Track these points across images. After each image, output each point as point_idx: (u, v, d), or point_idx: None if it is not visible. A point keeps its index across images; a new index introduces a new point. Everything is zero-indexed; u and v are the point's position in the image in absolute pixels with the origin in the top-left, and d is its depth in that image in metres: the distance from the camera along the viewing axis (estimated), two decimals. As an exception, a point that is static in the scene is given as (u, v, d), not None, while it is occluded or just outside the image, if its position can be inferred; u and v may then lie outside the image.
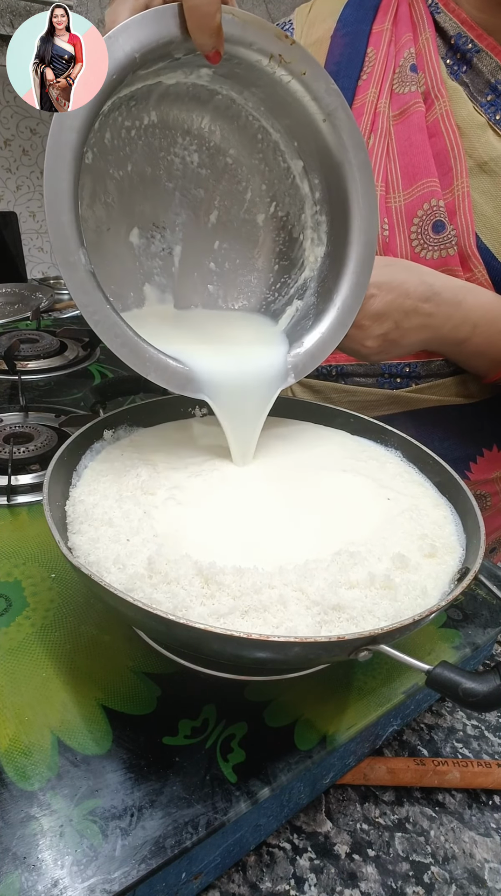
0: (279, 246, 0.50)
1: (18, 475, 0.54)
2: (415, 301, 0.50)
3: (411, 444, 0.48)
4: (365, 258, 0.44)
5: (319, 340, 0.45)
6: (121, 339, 0.38)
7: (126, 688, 0.36)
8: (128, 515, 0.38)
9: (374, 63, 0.58)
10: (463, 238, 0.53)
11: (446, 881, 0.34)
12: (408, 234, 0.56)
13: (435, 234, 0.54)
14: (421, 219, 0.55)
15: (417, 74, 0.56)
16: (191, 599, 0.31)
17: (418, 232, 0.55)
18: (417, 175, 0.55)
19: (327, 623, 0.31)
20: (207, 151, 0.46)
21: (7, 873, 0.27)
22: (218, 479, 0.44)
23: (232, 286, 0.51)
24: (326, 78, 0.40)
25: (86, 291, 0.35)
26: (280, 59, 0.38)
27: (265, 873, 0.34)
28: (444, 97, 0.53)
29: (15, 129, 1.30)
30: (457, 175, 0.53)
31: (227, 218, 0.49)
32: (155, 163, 0.45)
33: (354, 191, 0.43)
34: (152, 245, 0.47)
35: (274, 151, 0.46)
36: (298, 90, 0.40)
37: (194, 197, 0.48)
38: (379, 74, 0.57)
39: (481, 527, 0.37)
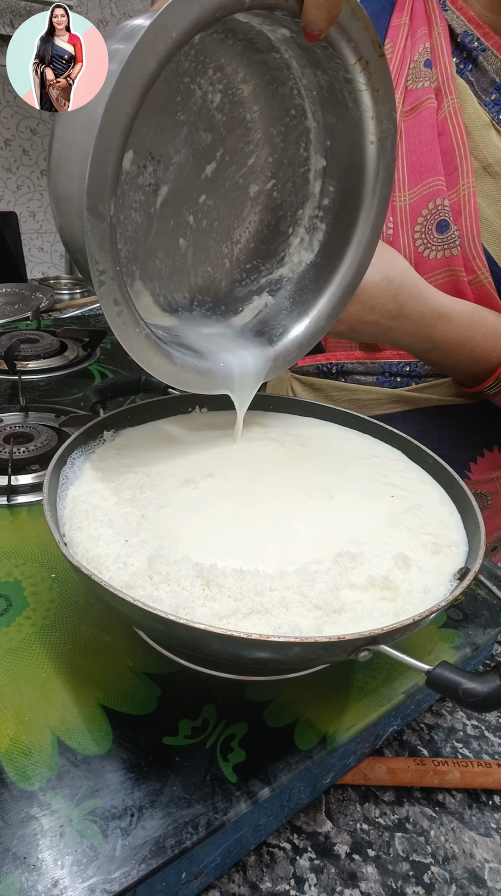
0: (262, 228, 0.48)
1: (18, 475, 0.54)
2: (378, 316, 0.49)
3: (411, 444, 0.48)
4: (350, 286, 0.44)
5: (290, 347, 0.44)
6: (119, 309, 0.35)
7: (126, 688, 0.36)
8: (127, 515, 0.38)
9: (391, 57, 0.57)
10: (467, 239, 0.53)
11: (446, 881, 0.34)
12: (412, 233, 0.55)
13: (439, 234, 0.54)
14: (426, 218, 0.54)
15: (431, 70, 0.54)
16: (191, 600, 0.31)
17: (422, 231, 0.55)
18: (424, 174, 0.54)
19: (328, 624, 0.31)
20: (231, 98, 0.43)
21: (7, 873, 0.27)
22: (218, 478, 0.44)
23: (203, 248, 0.48)
24: (392, 102, 0.39)
25: (103, 248, 0.32)
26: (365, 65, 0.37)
27: (265, 873, 0.34)
28: (454, 94, 0.52)
29: (15, 129, 1.30)
30: (463, 175, 0.52)
31: (222, 175, 0.46)
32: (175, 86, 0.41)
33: (365, 220, 0.42)
34: (141, 176, 0.43)
35: (299, 135, 0.44)
36: (364, 102, 0.39)
37: (200, 139, 0.44)
38: (396, 69, 0.56)
39: (481, 527, 0.37)
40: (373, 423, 0.51)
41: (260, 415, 0.53)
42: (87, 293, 1.35)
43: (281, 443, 0.49)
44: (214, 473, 0.44)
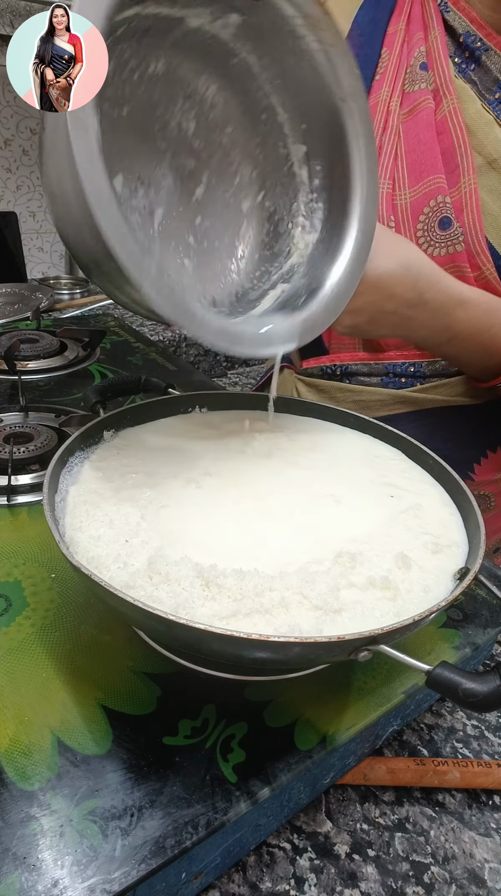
0: (263, 237, 0.49)
1: (18, 475, 0.54)
2: (397, 305, 0.48)
3: (412, 444, 0.48)
4: (362, 247, 0.43)
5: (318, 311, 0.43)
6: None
7: (126, 688, 0.36)
8: (127, 515, 0.38)
9: (388, 63, 0.58)
10: (471, 235, 0.53)
11: (446, 881, 0.34)
12: (414, 231, 0.56)
13: (442, 231, 0.54)
14: (428, 216, 0.55)
15: (427, 73, 0.55)
16: (191, 600, 0.31)
17: (424, 229, 0.55)
18: (424, 172, 0.55)
19: (327, 624, 0.31)
20: (205, 123, 0.44)
21: (7, 873, 0.27)
22: (217, 478, 0.44)
23: (209, 266, 0.48)
24: (351, 59, 0.38)
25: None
26: (310, 22, 0.36)
27: (265, 873, 0.34)
28: (452, 94, 0.53)
29: (15, 129, 1.30)
30: (464, 172, 0.53)
31: (213, 196, 0.47)
32: (151, 117, 0.42)
33: (358, 179, 0.42)
34: (134, 199, 0.44)
35: (275, 135, 0.45)
36: (323, 64, 0.39)
37: (184, 165, 0.45)
38: (393, 74, 0.57)
39: (481, 527, 0.37)
40: (374, 423, 0.51)
41: (260, 414, 0.53)
42: (87, 293, 1.35)
43: (281, 442, 0.49)
44: (214, 473, 0.44)
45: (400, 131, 0.56)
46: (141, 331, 1.13)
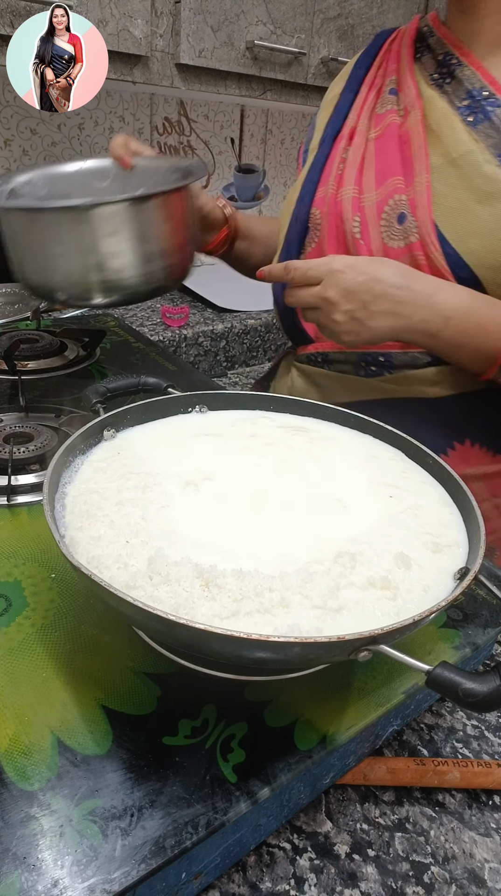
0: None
1: (18, 475, 0.54)
2: (385, 286, 0.55)
3: (411, 444, 0.48)
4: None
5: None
6: None
7: (126, 688, 0.36)
8: (127, 516, 0.38)
9: (365, 95, 0.68)
10: (424, 227, 0.60)
11: (446, 881, 0.34)
12: (379, 226, 0.63)
13: (399, 225, 0.61)
14: (388, 213, 0.62)
15: (396, 96, 0.65)
16: (192, 601, 0.31)
17: (386, 224, 0.63)
18: (386, 176, 0.63)
19: (328, 624, 0.31)
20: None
21: (7, 873, 0.27)
22: (218, 478, 0.44)
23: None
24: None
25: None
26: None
27: (265, 873, 0.34)
28: (418, 109, 0.62)
29: (15, 129, 1.30)
30: (418, 173, 0.60)
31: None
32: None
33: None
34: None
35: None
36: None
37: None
38: (362, 102, 0.68)
39: (481, 527, 0.37)
40: (373, 423, 0.51)
41: (260, 415, 0.53)
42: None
43: (280, 442, 0.49)
44: (214, 473, 0.44)
45: (370, 146, 0.66)
46: (141, 331, 1.13)
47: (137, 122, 1.43)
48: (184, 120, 1.51)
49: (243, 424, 0.52)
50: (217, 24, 1.07)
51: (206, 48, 1.08)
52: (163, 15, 1.03)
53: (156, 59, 1.06)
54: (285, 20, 1.15)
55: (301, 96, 1.27)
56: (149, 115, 1.44)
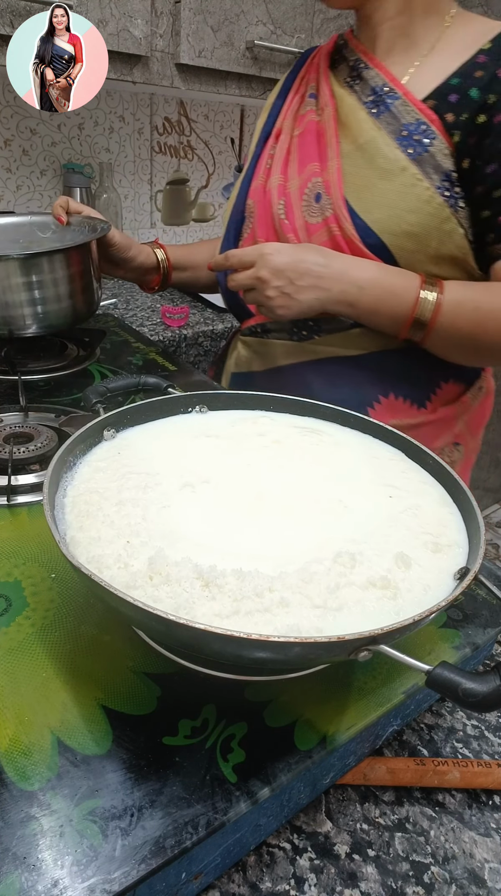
0: None
1: (18, 475, 0.54)
2: (309, 265, 0.66)
3: (411, 444, 0.48)
4: None
5: None
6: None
7: (126, 688, 0.36)
8: (128, 516, 0.38)
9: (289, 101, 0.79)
10: (336, 202, 0.69)
11: (446, 881, 0.34)
12: (301, 205, 0.73)
13: (316, 203, 0.71)
14: (307, 194, 0.72)
15: (314, 99, 0.76)
16: (192, 601, 0.31)
17: (306, 204, 0.72)
18: (305, 164, 0.73)
19: (328, 624, 0.31)
20: None
21: (7, 873, 0.27)
22: (218, 479, 0.44)
23: None
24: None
25: None
26: None
27: (265, 873, 0.34)
28: (330, 107, 0.72)
29: (15, 129, 1.30)
30: (330, 158, 0.70)
31: None
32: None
33: None
34: None
35: None
36: None
37: None
38: (287, 106, 0.78)
39: (481, 527, 0.37)
40: (373, 423, 0.51)
41: (259, 415, 0.53)
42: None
43: (280, 443, 0.49)
44: (214, 474, 0.44)
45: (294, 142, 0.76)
46: (141, 331, 1.13)
47: (137, 122, 1.43)
48: (184, 120, 1.51)
49: (243, 424, 0.52)
50: (217, 24, 1.07)
51: (206, 48, 1.08)
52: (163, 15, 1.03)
53: (156, 59, 1.06)
54: (285, 20, 1.15)
55: (301, 96, 1.27)
56: (149, 115, 1.44)
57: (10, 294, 0.73)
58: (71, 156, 1.38)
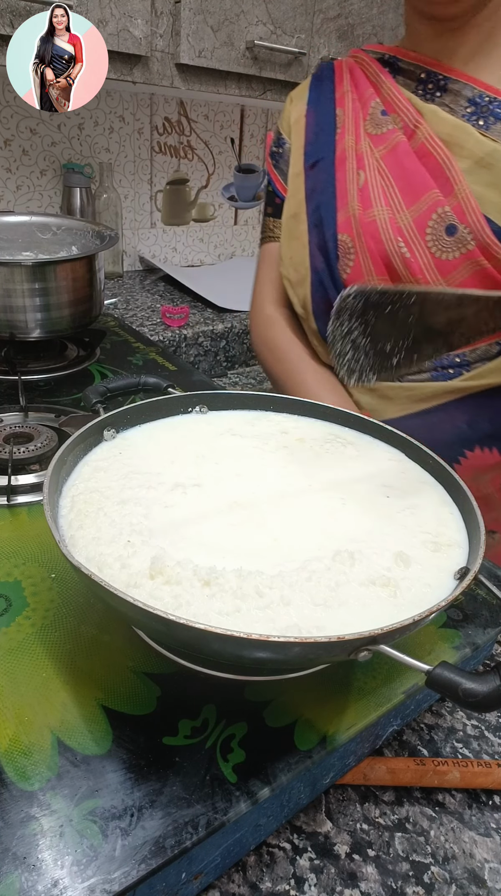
0: None
1: (18, 475, 0.54)
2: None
3: (411, 444, 0.48)
4: None
5: None
6: None
7: (126, 688, 0.36)
8: (129, 515, 0.38)
9: (344, 118, 0.70)
10: (478, 231, 0.60)
11: (446, 881, 0.34)
12: (425, 244, 0.64)
13: (449, 237, 0.62)
14: (433, 227, 0.63)
15: (388, 116, 0.67)
16: (192, 600, 0.31)
17: (433, 239, 0.63)
18: (418, 192, 0.64)
19: (328, 623, 0.31)
20: None
21: (7, 873, 0.27)
22: (218, 478, 0.44)
23: None
24: None
25: None
26: None
27: (265, 873, 0.34)
28: (424, 124, 0.63)
29: (15, 129, 1.30)
30: (455, 181, 0.61)
31: None
32: None
33: None
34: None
35: None
36: None
37: None
38: (352, 124, 0.69)
39: (481, 527, 0.37)
40: (373, 422, 0.51)
41: (260, 415, 0.53)
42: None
43: (280, 442, 0.49)
44: (214, 474, 0.44)
45: (382, 165, 0.66)
46: (141, 331, 1.13)
47: (137, 122, 1.43)
48: (184, 120, 1.51)
49: (244, 425, 0.52)
50: (217, 24, 1.07)
51: (206, 48, 1.08)
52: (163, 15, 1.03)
53: (156, 59, 1.06)
54: (285, 20, 1.15)
55: (301, 96, 1.27)
56: (149, 115, 1.44)
57: (15, 299, 0.73)
58: (71, 156, 1.38)
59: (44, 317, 0.76)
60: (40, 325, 0.76)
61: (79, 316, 0.79)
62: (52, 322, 0.77)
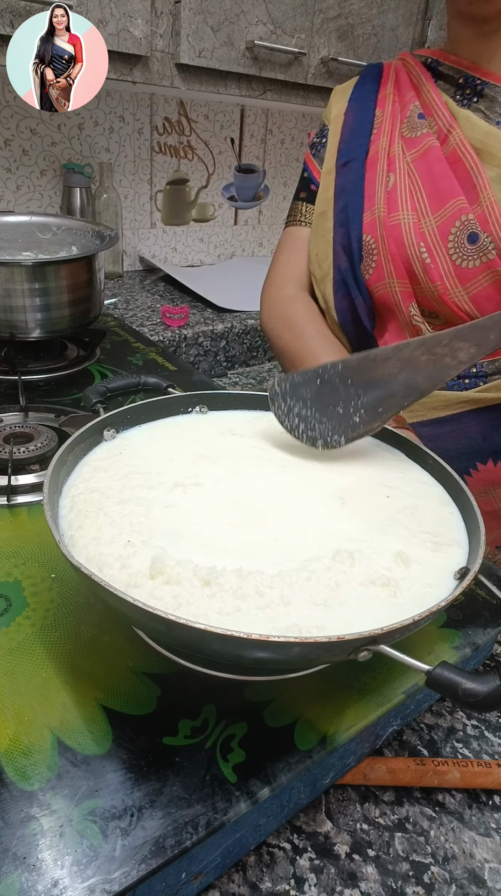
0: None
1: (18, 475, 0.54)
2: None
3: (411, 444, 0.48)
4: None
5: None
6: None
7: (126, 688, 0.36)
8: (129, 515, 0.38)
9: (382, 119, 0.70)
10: (499, 241, 0.60)
11: (446, 881, 0.34)
12: (446, 251, 0.63)
13: (471, 245, 0.62)
14: (455, 235, 0.63)
15: (425, 120, 0.66)
16: (192, 600, 0.31)
17: (455, 247, 0.63)
18: (444, 198, 0.63)
19: (328, 623, 0.31)
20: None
21: (7, 873, 0.27)
22: (218, 478, 0.44)
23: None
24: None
25: None
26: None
27: (265, 873, 0.34)
28: (457, 129, 0.63)
29: (15, 129, 1.30)
30: (482, 189, 0.61)
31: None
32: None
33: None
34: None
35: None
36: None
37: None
38: (389, 126, 0.69)
39: (481, 527, 0.37)
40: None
41: (260, 415, 0.53)
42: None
43: (280, 443, 0.49)
44: (214, 473, 0.44)
45: (412, 169, 0.66)
46: (141, 331, 1.13)
47: (137, 122, 1.43)
48: (184, 120, 1.51)
49: (244, 425, 0.52)
50: (217, 24, 1.07)
51: (206, 48, 1.08)
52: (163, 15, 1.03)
53: (156, 59, 1.06)
54: (285, 20, 1.15)
55: (301, 96, 1.27)
56: (149, 115, 1.44)
57: (15, 299, 0.73)
58: (71, 156, 1.38)
59: (44, 317, 0.76)
60: (40, 325, 0.76)
61: (79, 316, 0.79)
62: (52, 322, 0.77)
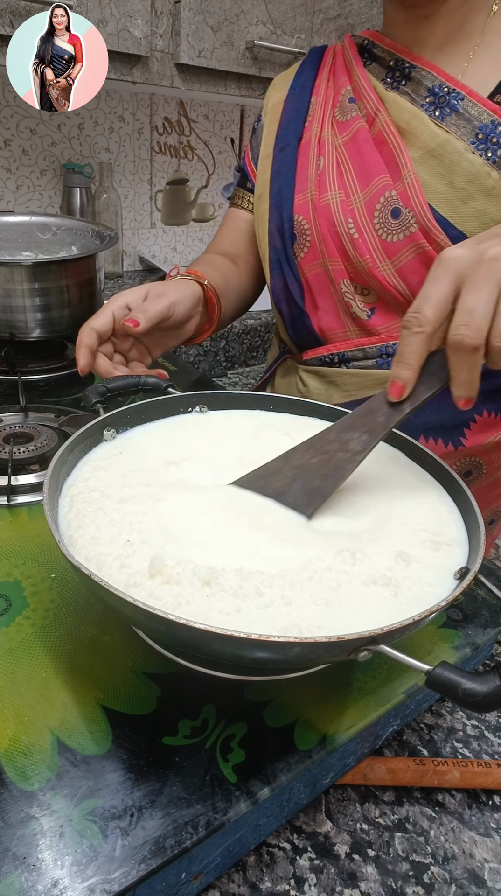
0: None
1: (18, 475, 0.54)
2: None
3: (411, 444, 0.48)
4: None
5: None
6: None
7: (126, 688, 0.36)
8: (129, 515, 0.38)
9: (316, 106, 0.72)
10: (421, 216, 0.62)
11: (446, 881, 0.34)
12: (372, 225, 0.66)
13: (394, 220, 0.64)
14: (380, 210, 0.65)
15: (355, 104, 0.69)
16: (192, 600, 0.31)
17: (380, 222, 0.65)
18: (370, 176, 0.66)
19: (328, 623, 0.31)
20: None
21: (7, 873, 0.27)
22: (217, 478, 0.44)
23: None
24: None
25: None
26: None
27: (265, 873, 0.34)
28: (383, 111, 0.65)
29: (15, 129, 1.30)
30: (404, 167, 0.63)
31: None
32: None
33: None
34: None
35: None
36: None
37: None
38: (320, 112, 0.71)
39: (481, 527, 0.37)
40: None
41: (260, 415, 0.53)
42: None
43: (280, 442, 0.49)
44: (214, 473, 0.44)
45: (342, 151, 0.69)
46: (141, 331, 1.13)
47: (137, 122, 1.43)
48: (184, 120, 1.51)
49: (244, 424, 0.52)
50: (217, 24, 1.07)
51: (206, 48, 1.08)
52: (163, 15, 1.03)
53: (156, 59, 1.06)
54: (285, 20, 1.15)
55: (301, 96, 1.27)
56: (149, 115, 1.44)
57: (15, 299, 0.73)
58: (71, 156, 1.38)
59: (44, 317, 0.76)
60: (40, 325, 0.76)
61: (79, 316, 0.79)
62: (52, 322, 0.77)
